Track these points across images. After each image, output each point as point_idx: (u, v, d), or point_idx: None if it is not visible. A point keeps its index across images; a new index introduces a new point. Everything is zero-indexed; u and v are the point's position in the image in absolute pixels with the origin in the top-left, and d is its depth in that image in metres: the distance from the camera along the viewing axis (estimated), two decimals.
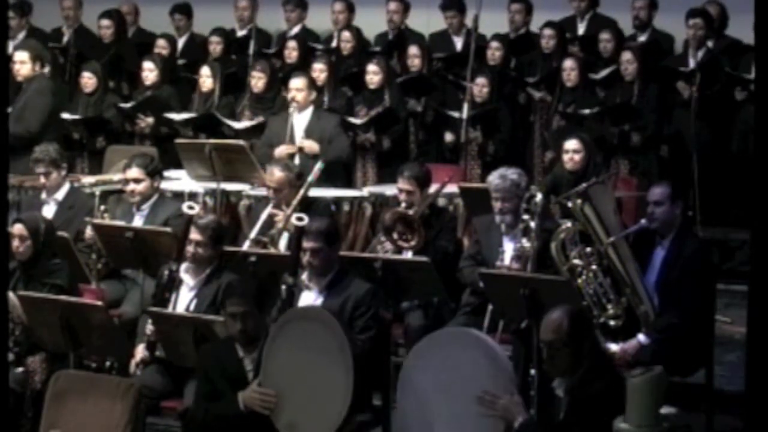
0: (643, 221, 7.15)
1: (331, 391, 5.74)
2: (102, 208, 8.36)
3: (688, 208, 7.26)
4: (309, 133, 9.50)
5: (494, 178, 7.53)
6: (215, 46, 11.24)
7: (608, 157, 9.77)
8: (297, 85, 9.59)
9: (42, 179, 8.46)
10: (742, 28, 10.22)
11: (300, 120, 9.58)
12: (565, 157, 8.63)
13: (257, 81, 10.34)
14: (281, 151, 9.33)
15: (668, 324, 6.83)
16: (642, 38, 10.73)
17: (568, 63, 10.15)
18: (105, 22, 11.62)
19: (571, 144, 8.64)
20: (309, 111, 9.61)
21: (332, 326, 5.80)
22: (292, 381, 5.86)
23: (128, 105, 10.49)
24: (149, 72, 10.68)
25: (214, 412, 6.05)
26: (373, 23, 11.47)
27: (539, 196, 7.31)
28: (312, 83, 9.68)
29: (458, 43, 11.16)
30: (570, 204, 6.98)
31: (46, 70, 10.50)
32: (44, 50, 10.75)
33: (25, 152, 9.16)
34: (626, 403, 5.11)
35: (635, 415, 5.07)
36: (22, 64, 10.13)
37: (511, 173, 7.50)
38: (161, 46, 11.35)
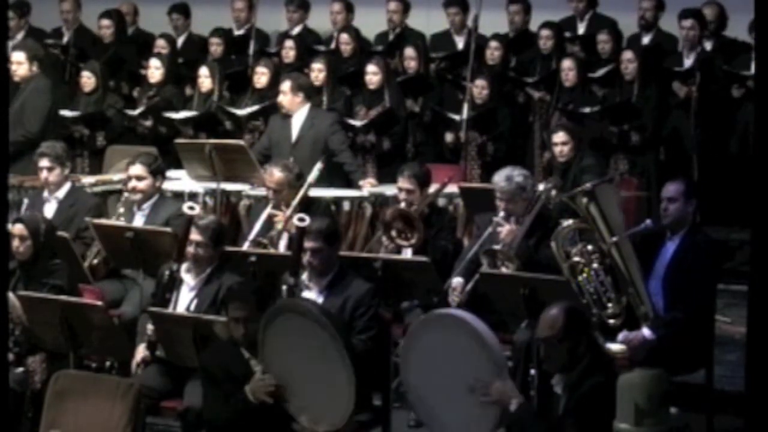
0: (647, 221, 7.12)
1: (335, 385, 5.79)
2: (121, 210, 8.33)
3: (701, 208, 7.21)
4: (304, 133, 9.49)
5: (500, 180, 7.49)
6: (215, 47, 11.23)
7: (608, 157, 9.77)
8: (282, 87, 9.59)
9: (45, 173, 8.42)
10: (741, 28, 10.21)
11: (296, 119, 9.57)
12: (555, 150, 8.76)
13: (260, 77, 10.34)
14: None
15: (673, 319, 6.81)
16: (646, 38, 10.70)
17: (566, 63, 10.15)
18: (105, 21, 11.63)
19: (558, 137, 8.77)
20: (305, 110, 9.59)
21: (323, 324, 5.85)
22: (294, 368, 5.90)
23: (136, 112, 10.47)
24: (155, 69, 10.68)
25: (226, 413, 6.05)
26: (372, 23, 11.46)
27: (554, 193, 7.33)
28: (299, 87, 9.60)
29: (460, 42, 11.13)
30: (575, 201, 6.95)
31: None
32: (41, 50, 10.74)
33: (26, 153, 9.17)
34: (617, 401, 5.14)
35: (624, 413, 5.09)
36: (19, 64, 10.12)
37: (517, 175, 7.46)
38: (161, 46, 11.34)
